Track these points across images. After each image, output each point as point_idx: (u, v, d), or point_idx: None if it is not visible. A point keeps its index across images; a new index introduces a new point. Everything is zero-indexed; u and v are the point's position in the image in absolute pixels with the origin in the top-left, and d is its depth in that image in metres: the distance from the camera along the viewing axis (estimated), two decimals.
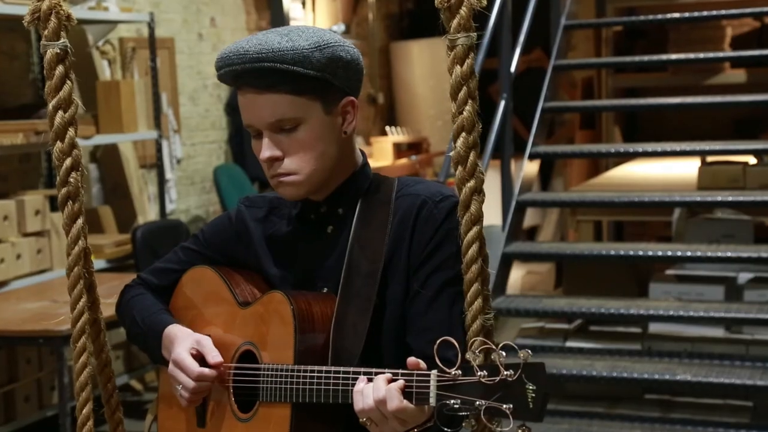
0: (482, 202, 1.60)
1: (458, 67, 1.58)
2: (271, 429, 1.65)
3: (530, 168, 5.12)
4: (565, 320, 4.97)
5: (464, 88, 1.58)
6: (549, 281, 7.16)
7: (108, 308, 1.95)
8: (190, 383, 1.72)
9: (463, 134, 1.59)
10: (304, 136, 1.66)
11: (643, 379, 4.18)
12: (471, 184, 1.59)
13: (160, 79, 5.74)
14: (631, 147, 5.36)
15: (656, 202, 4.76)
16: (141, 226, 5.16)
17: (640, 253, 4.53)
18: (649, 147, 5.09)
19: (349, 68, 1.67)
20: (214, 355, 1.73)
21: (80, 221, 1.76)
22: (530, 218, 7.90)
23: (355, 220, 1.72)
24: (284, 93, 1.63)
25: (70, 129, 1.71)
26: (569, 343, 4.69)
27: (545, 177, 8.50)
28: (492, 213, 7.02)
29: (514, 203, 4.86)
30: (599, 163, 8.36)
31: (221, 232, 1.87)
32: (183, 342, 1.75)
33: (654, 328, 4.74)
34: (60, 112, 1.70)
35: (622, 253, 4.55)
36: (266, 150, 1.67)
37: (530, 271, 7.20)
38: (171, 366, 1.75)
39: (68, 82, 1.70)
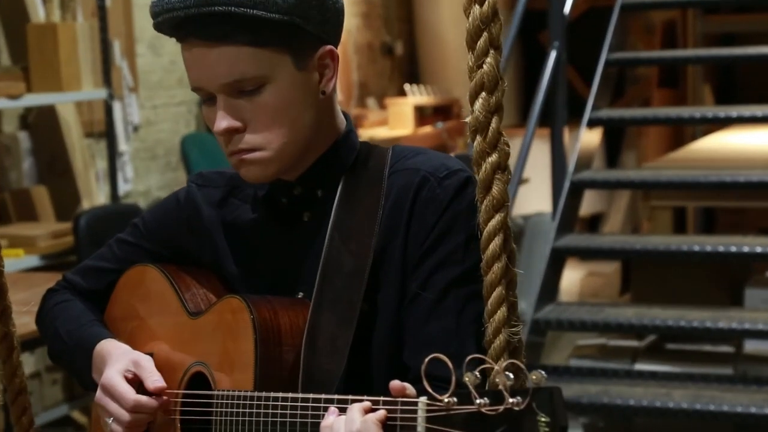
0: (507, 181, 1.60)
1: (476, 6, 1.58)
2: None
3: (590, 138, 5.10)
4: (633, 336, 4.96)
5: (484, 34, 1.59)
6: (614, 285, 7.15)
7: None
8: (124, 415, 1.72)
9: (483, 94, 1.59)
10: (271, 99, 1.65)
11: (735, 413, 4.17)
12: (493, 158, 1.59)
13: (110, 21, 5.75)
14: (725, 111, 5.31)
15: (756, 183, 4.73)
16: (86, 211, 5.18)
17: (734, 249, 4.50)
18: (748, 111, 5.05)
19: (325, 8, 1.66)
20: (154, 380, 1.73)
21: None
22: (592, 204, 7.89)
23: (335, 204, 1.71)
24: (242, 45, 1.62)
25: None
26: (639, 366, 4.68)
27: (612, 150, 8.46)
28: (540, 196, 7.01)
29: (567, 184, 4.85)
30: (683, 132, 8.31)
31: (166, 220, 1.87)
32: (117, 362, 1.75)
33: (750, 347, 4.72)
34: None
35: (709, 249, 4.54)
36: (222, 120, 1.66)
37: (592, 273, 7.20)
38: (99, 392, 1.76)
39: None
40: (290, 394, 1.59)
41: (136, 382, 1.74)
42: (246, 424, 1.63)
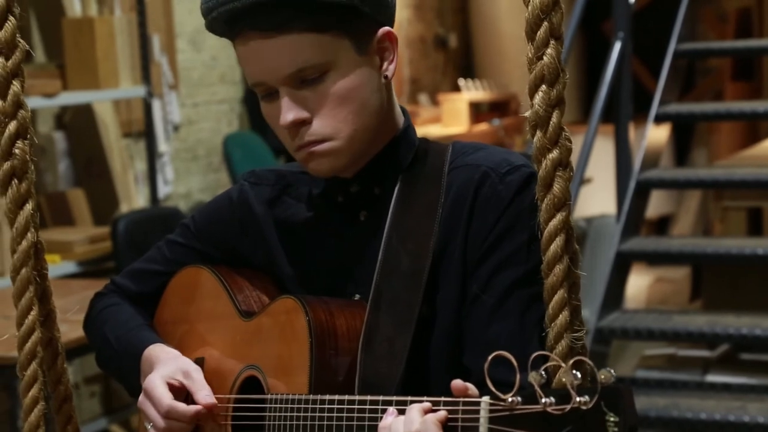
0: (569, 179, 1.62)
1: None
2: None
3: (657, 134, 5.10)
4: (705, 345, 4.94)
5: (545, 23, 1.61)
6: (684, 292, 7.12)
7: (77, 326, 1.99)
8: (159, 420, 1.77)
9: (543, 87, 1.61)
10: (336, 85, 1.69)
11: None
12: (554, 154, 1.61)
13: (149, 15, 5.82)
14: None
15: None
16: (125, 215, 5.25)
17: None
18: None
19: None
20: (205, 395, 1.77)
21: (29, 207, 1.80)
22: (660, 205, 7.86)
23: (393, 202, 1.75)
24: (303, 32, 1.66)
25: (14, 82, 1.76)
26: (711, 378, 4.66)
27: (681, 147, 8.42)
28: (604, 197, 6.96)
29: (633, 184, 4.84)
30: (758, 128, 8.26)
31: (218, 220, 1.91)
32: (164, 366, 1.80)
33: None
34: (0, 60, 1.75)
35: None
36: (288, 112, 1.70)
37: (660, 278, 7.17)
38: (141, 397, 1.80)
39: (11, 18, 1.74)
40: (346, 397, 1.62)
41: (183, 391, 1.78)
42: (300, 428, 1.66)
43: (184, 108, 6.70)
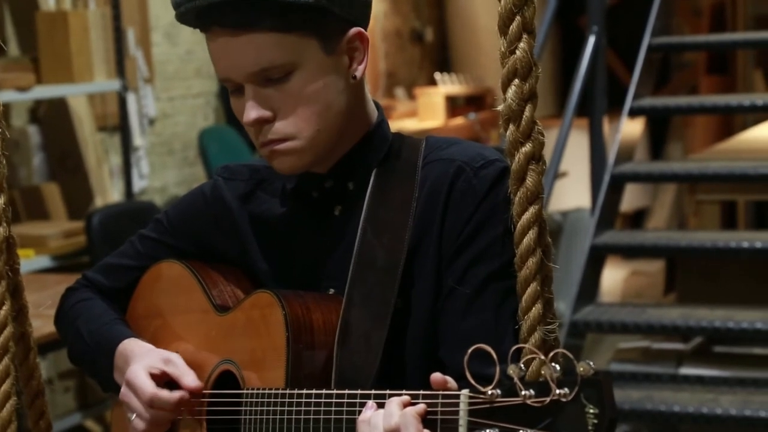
0: (542, 172, 1.64)
1: None
2: None
3: (632, 128, 5.11)
4: (679, 338, 4.97)
5: (517, 18, 1.63)
6: (658, 285, 7.15)
7: (52, 321, 2.00)
8: (143, 410, 1.77)
9: (516, 81, 1.63)
10: (300, 86, 1.70)
11: None
12: (527, 148, 1.63)
13: (124, 9, 5.81)
14: None
15: None
16: (99, 210, 5.24)
17: None
18: None
19: None
20: (191, 379, 1.77)
21: (1, 201, 1.80)
22: (635, 198, 7.89)
23: (367, 196, 1.75)
24: (268, 31, 1.67)
25: None
26: (684, 370, 4.68)
27: (656, 141, 8.46)
28: (579, 191, 6.98)
29: (607, 177, 4.85)
30: (732, 122, 8.30)
31: (192, 215, 1.91)
32: (144, 358, 1.80)
33: None
34: None
35: (759, 245, 4.53)
36: (251, 110, 1.70)
37: (636, 272, 7.20)
38: (123, 388, 1.80)
39: None
40: (324, 390, 1.63)
41: (163, 380, 1.78)
42: (277, 423, 1.67)
43: (160, 102, 6.69)
